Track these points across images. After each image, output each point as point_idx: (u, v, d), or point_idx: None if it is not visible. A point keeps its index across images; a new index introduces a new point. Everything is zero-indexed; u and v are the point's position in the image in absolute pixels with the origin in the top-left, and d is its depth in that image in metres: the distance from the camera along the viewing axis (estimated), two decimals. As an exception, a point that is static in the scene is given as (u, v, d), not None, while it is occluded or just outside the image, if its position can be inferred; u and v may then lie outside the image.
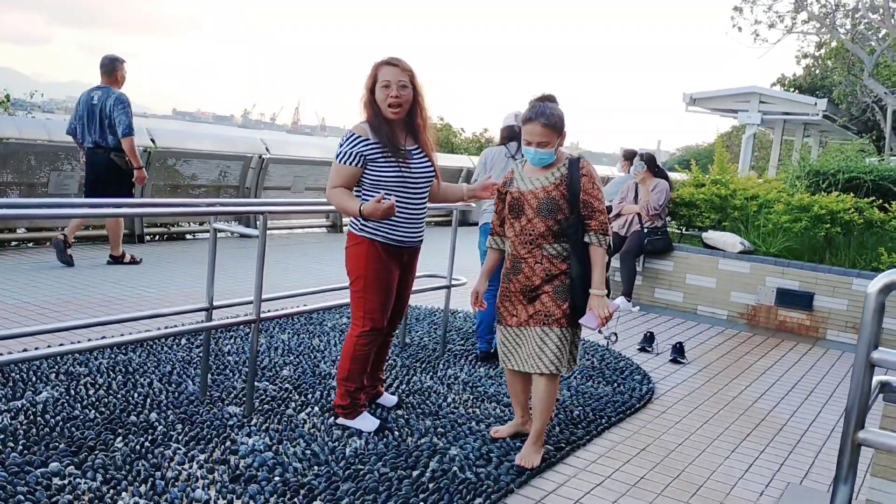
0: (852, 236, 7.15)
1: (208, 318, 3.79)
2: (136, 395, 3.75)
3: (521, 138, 3.45)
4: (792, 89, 24.07)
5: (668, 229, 7.59)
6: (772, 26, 21.87)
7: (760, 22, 22.32)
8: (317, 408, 3.83)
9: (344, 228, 10.59)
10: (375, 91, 3.43)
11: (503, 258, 3.65)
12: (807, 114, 15.55)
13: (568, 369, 3.48)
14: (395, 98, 3.41)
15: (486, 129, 21.82)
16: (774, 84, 25.56)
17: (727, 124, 32.38)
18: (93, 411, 3.49)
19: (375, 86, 3.43)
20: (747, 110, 15.63)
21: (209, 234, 3.75)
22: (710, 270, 7.24)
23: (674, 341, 6.00)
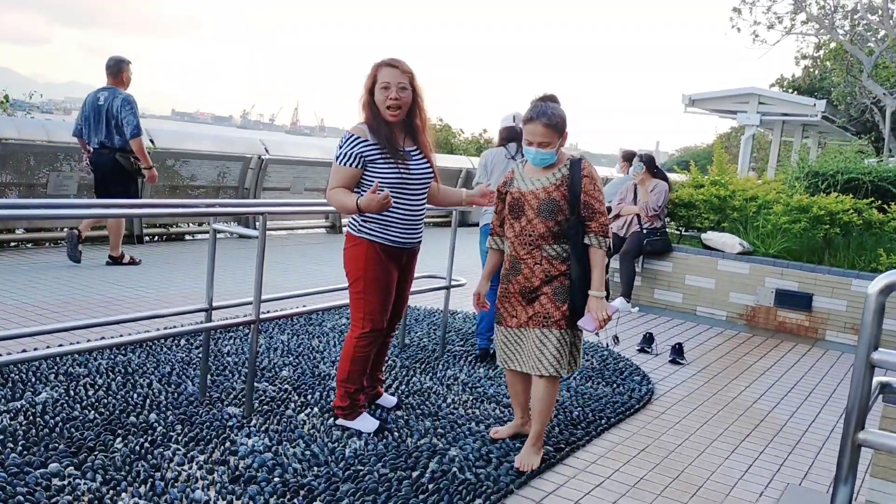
0: (851, 237, 7.15)
1: (208, 319, 3.78)
2: (136, 395, 3.75)
3: (523, 138, 3.44)
4: (791, 90, 24.11)
5: (667, 230, 7.60)
6: (771, 27, 21.92)
7: (759, 23, 22.33)
8: (316, 409, 3.83)
9: (343, 229, 10.58)
10: (374, 92, 3.42)
11: (503, 258, 3.62)
12: (806, 115, 15.56)
13: (569, 371, 3.47)
14: (395, 100, 3.40)
15: (485, 130, 21.86)
16: (773, 85, 25.60)
17: (726, 125, 32.43)
18: (92, 412, 3.48)
19: (375, 87, 3.41)
20: (746, 111, 15.64)
21: (208, 235, 3.75)
22: (709, 271, 7.24)
23: (673, 342, 6.01)
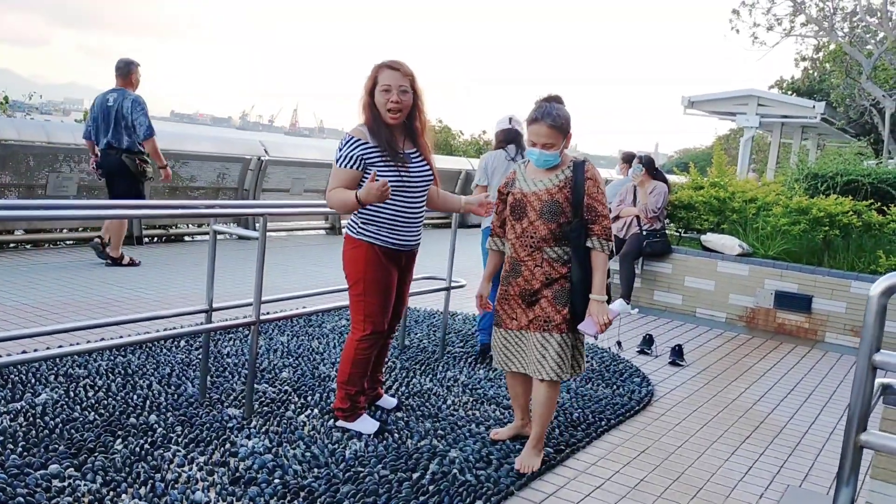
0: (851, 239, 7.16)
1: (208, 320, 3.78)
2: (136, 396, 3.75)
3: (526, 139, 3.42)
4: (790, 92, 24.15)
5: (666, 232, 7.60)
6: (770, 29, 21.96)
7: (759, 25, 22.33)
8: (316, 410, 3.83)
9: (342, 231, 10.58)
10: (375, 94, 3.41)
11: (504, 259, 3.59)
12: (805, 117, 15.57)
13: (572, 375, 3.44)
14: (396, 103, 3.39)
15: (484, 132, 21.86)
16: (772, 87, 25.63)
17: (725, 127, 32.44)
18: (92, 413, 3.48)
19: (375, 89, 3.40)
20: (745, 113, 15.64)
21: (208, 236, 3.75)
22: (708, 273, 7.24)
23: (673, 344, 6.00)
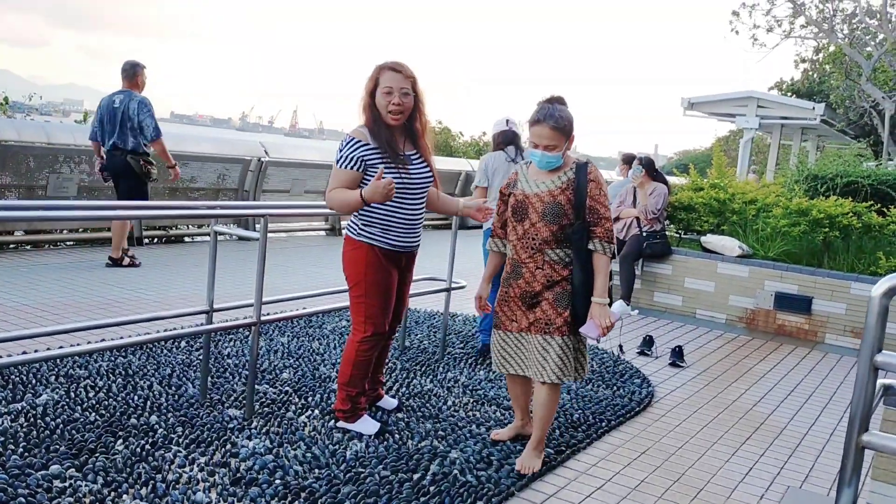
0: (850, 240, 7.16)
1: (209, 321, 3.78)
2: (137, 397, 3.75)
3: (528, 140, 3.41)
4: (790, 94, 24.18)
5: (666, 233, 7.60)
6: (770, 31, 21.98)
7: (759, 26, 22.36)
8: (317, 411, 3.83)
9: (342, 232, 10.59)
10: (376, 95, 3.40)
11: (504, 261, 3.58)
12: (804, 118, 15.57)
13: (576, 378, 3.42)
14: (398, 106, 3.38)
15: (484, 133, 21.86)
16: (772, 88, 25.67)
17: (725, 129, 32.46)
18: (93, 414, 3.48)
19: (376, 90, 3.39)
20: (745, 115, 15.64)
21: (209, 237, 3.75)
22: (708, 274, 7.24)
23: (673, 345, 6.01)
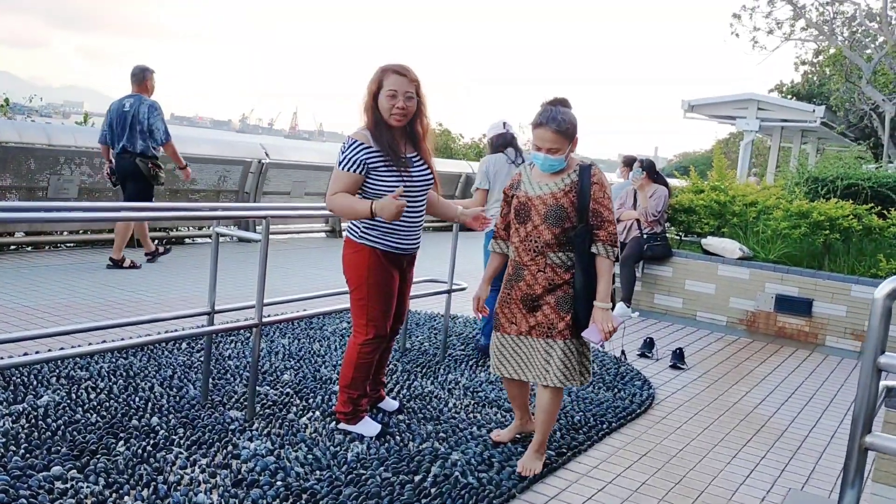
0: (851, 243, 7.16)
1: (210, 323, 3.78)
2: (138, 399, 3.74)
3: (531, 142, 3.40)
4: (790, 96, 24.19)
5: (667, 235, 7.60)
6: (770, 33, 22.01)
7: (759, 29, 22.37)
8: (318, 412, 3.83)
9: (342, 234, 10.59)
10: (379, 97, 3.39)
11: (506, 263, 3.56)
12: (805, 121, 15.59)
13: (581, 382, 3.40)
14: (401, 110, 3.37)
15: (484, 135, 21.86)
16: (772, 91, 25.68)
17: (725, 131, 32.46)
18: (94, 415, 3.48)
19: (380, 92, 3.38)
20: (745, 117, 15.66)
21: (210, 239, 3.75)
22: (709, 276, 7.24)
23: (673, 347, 6.01)
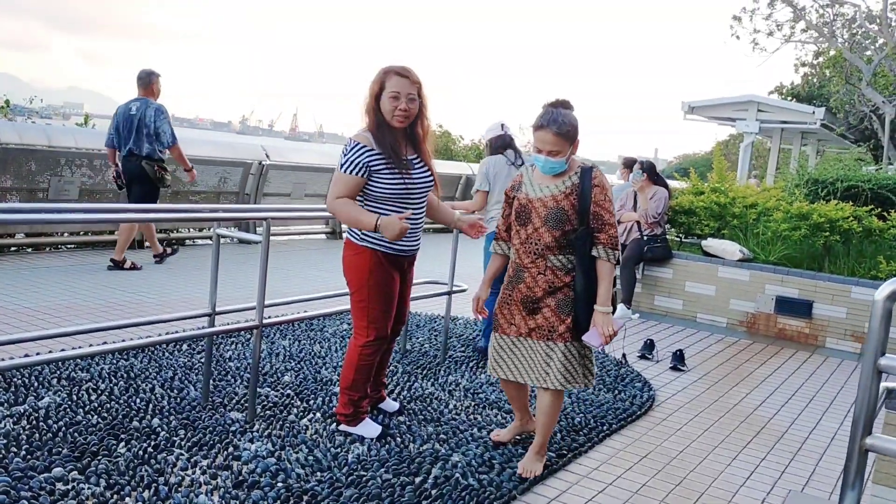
0: (851, 245, 7.17)
1: (211, 324, 3.78)
2: (139, 400, 3.75)
3: (531, 143, 3.40)
4: (790, 98, 24.21)
5: (667, 237, 7.61)
6: (770, 35, 22.02)
7: (759, 31, 22.38)
8: (318, 414, 3.83)
9: (343, 235, 10.59)
10: (381, 99, 3.38)
11: (507, 264, 3.55)
12: (805, 122, 15.61)
13: (584, 384, 3.38)
14: (404, 111, 3.37)
15: (481, 139, 21.88)
16: (772, 92, 25.71)
17: (725, 133, 32.48)
18: (95, 416, 3.48)
19: (382, 94, 3.38)
20: (745, 119, 15.68)
21: (211, 241, 3.75)
22: (709, 278, 7.25)
23: (674, 349, 6.01)
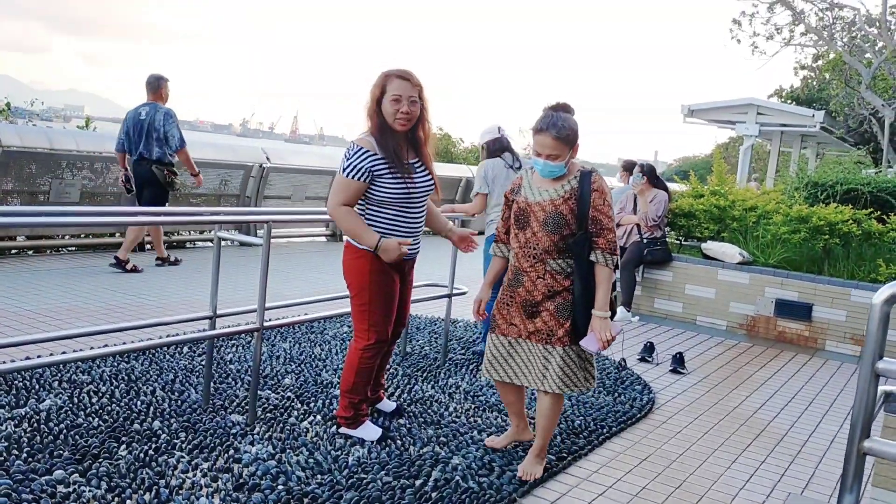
0: (850, 248, 7.18)
1: (212, 327, 3.79)
2: (139, 403, 3.75)
3: (531, 146, 3.40)
4: (789, 101, 24.21)
5: (667, 240, 7.62)
6: (770, 38, 22.04)
7: (759, 34, 22.40)
8: (319, 416, 3.84)
9: (343, 238, 10.60)
10: (383, 102, 3.39)
11: (507, 266, 3.53)
12: (804, 125, 15.62)
13: (585, 388, 3.37)
14: (406, 114, 3.38)
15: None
16: (772, 96, 25.71)
17: (725, 135, 32.52)
18: (96, 419, 3.49)
19: (383, 97, 3.39)
20: (745, 122, 15.69)
21: (213, 243, 3.76)
22: (709, 281, 7.26)
23: (674, 351, 6.02)
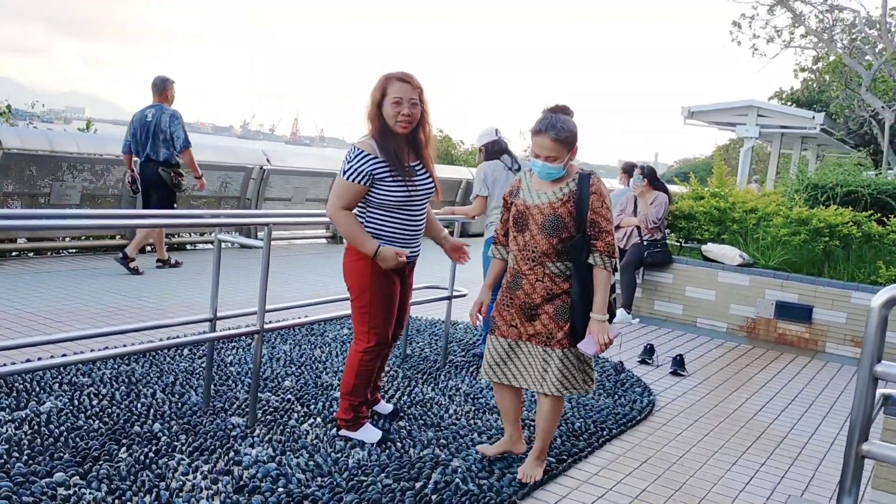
0: (851, 250, 7.18)
1: (212, 329, 3.79)
2: (140, 405, 3.76)
3: (530, 148, 3.41)
4: (789, 103, 24.23)
5: (667, 242, 7.62)
6: (770, 41, 22.05)
7: (759, 37, 22.41)
8: (319, 419, 3.84)
9: (343, 240, 10.59)
10: (384, 105, 3.39)
11: (507, 268, 3.51)
12: (804, 127, 15.62)
13: (584, 390, 3.36)
14: (407, 117, 3.38)
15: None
16: (772, 97, 25.72)
17: (725, 137, 32.52)
18: (96, 421, 3.49)
19: (384, 100, 3.39)
20: (745, 124, 15.69)
21: (213, 246, 3.76)
22: (709, 283, 7.26)
23: (674, 353, 6.02)
